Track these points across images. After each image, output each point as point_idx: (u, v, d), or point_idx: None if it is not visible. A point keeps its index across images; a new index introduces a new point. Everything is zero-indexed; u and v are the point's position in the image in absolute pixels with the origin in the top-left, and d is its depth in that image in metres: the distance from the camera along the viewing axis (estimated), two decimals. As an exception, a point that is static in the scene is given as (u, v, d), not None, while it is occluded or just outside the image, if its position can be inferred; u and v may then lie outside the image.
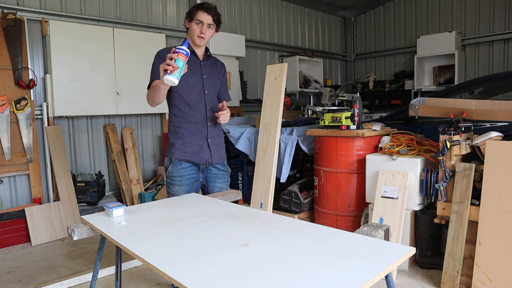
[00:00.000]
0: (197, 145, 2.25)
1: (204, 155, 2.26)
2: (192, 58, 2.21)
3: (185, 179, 2.25)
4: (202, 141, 2.25)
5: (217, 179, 2.34)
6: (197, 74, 2.23)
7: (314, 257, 1.20)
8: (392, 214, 2.82)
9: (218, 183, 2.35)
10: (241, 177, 4.42)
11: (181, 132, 2.24)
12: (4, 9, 3.76)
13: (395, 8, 7.28)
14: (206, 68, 2.27)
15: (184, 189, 2.25)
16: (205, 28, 2.15)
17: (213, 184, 2.34)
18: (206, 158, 2.27)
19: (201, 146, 2.25)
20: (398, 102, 6.66)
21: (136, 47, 4.51)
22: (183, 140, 2.24)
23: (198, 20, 2.14)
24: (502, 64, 6.08)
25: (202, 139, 2.25)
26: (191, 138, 2.24)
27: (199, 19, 2.14)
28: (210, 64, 2.31)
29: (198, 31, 2.15)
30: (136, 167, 4.65)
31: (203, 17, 2.14)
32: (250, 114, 5.56)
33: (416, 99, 3.02)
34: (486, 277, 2.33)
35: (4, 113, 3.73)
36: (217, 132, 2.34)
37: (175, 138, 2.26)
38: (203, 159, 2.26)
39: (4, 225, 3.60)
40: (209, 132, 2.27)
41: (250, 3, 6.19)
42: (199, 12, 2.14)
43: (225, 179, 2.39)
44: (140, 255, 1.27)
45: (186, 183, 2.25)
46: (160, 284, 2.76)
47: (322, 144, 3.41)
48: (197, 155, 2.25)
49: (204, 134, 2.25)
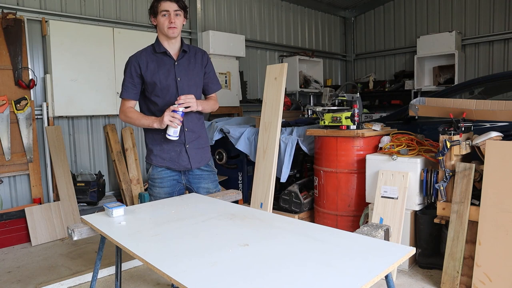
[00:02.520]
0: (175, 151, 2.18)
1: (183, 161, 2.19)
2: (164, 60, 2.13)
3: (166, 181, 2.21)
4: (179, 147, 2.18)
5: (201, 179, 2.26)
6: (171, 77, 2.12)
7: (314, 257, 1.20)
8: (392, 214, 2.82)
9: (202, 184, 2.26)
10: (241, 177, 4.42)
11: (158, 138, 2.17)
12: (4, 9, 3.76)
13: (395, 8, 7.28)
14: (181, 67, 2.15)
15: (166, 191, 2.21)
16: (173, 17, 2.05)
17: (197, 185, 2.26)
18: (184, 164, 2.20)
19: (179, 152, 2.18)
20: (398, 102, 6.65)
21: (136, 47, 4.42)
22: (161, 146, 2.17)
23: (163, 11, 2.05)
24: (502, 64, 6.08)
25: (179, 145, 2.17)
26: (168, 145, 2.16)
27: (163, 9, 2.05)
28: (187, 61, 2.18)
29: (167, 22, 2.06)
30: (136, 167, 4.65)
31: (167, 6, 2.05)
32: (250, 114, 5.55)
33: (416, 99, 3.02)
34: (486, 277, 2.33)
35: (4, 113, 3.73)
36: (196, 135, 2.23)
37: (153, 145, 2.21)
38: (182, 165, 2.20)
39: (4, 225, 3.60)
40: (187, 137, 2.18)
41: (250, 3, 6.19)
42: (161, 3, 2.06)
43: (210, 179, 2.30)
44: (140, 255, 1.27)
45: (167, 185, 2.22)
46: (160, 284, 2.76)
47: (322, 144, 3.41)
48: (175, 162, 2.19)
49: (181, 140, 2.16)
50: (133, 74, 2.13)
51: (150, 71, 2.11)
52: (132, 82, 2.13)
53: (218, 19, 5.72)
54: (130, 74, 2.13)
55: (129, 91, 2.14)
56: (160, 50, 2.13)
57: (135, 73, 2.12)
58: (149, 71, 2.11)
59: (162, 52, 2.14)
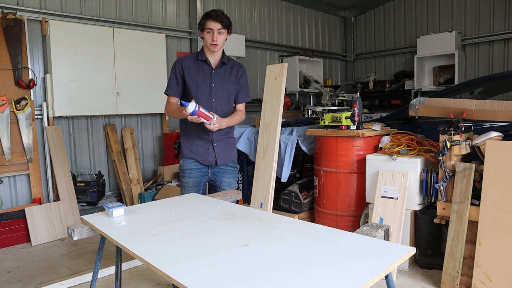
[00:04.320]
0: (204, 147, 2.42)
1: (209, 157, 2.43)
2: (203, 67, 2.39)
3: (194, 172, 2.43)
4: (208, 144, 2.42)
5: (225, 174, 2.49)
6: (206, 83, 2.38)
7: (314, 257, 1.20)
8: (392, 214, 2.82)
9: (226, 178, 2.49)
10: (241, 177, 4.42)
11: (190, 133, 2.44)
12: (4, 9, 3.76)
13: (395, 8, 7.28)
14: (217, 76, 2.40)
15: (193, 181, 2.43)
16: (216, 36, 2.31)
17: (221, 178, 2.48)
18: (210, 160, 2.43)
19: (207, 149, 2.43)
20: (398, 102, 6.65)
21: (136, 47, 4.51)
22: (192, 141, 2.44)
23: (208, 29, 2.31)
24: (502, 64, 6.08)
25: (208, 143, 2.42)
26: (198, 140, 2.42)
27: (208, 27, 2.31)
28: (223, 71, 2.43)
29: (210, 40, 2.32)
30: (136, 167, 4.65)
31: (212, 25, 2.30)
32: (250, 114, 5.55)
33: (416, 99, 3.02)
34: (486, 277, 2.33)
35: (4, 113, 3.73)
36: (224, 135, 2.48)
37: (184, 138, 2.47)
38: (208, 161, 2.43)
39: (4, 225, 3.60)
40: (215, 137, 2.42)
41: (250, 3, 6.19)
42: (207, 22, 2.31)
43: (233, 175, 2.54)
44: (140, 255, 1.27)
45: (195, 175, 2.43)
46: (160, 284, 2.76)
47: (322, 144, 3.41)
48: (202, 156, 2.43)
49: (210, 139, 2.41)
50: (177, 74, 2.40)
51: (190, 74, 2.38)
52: (175, 81, 2.41)
53: (218, 19, 5.72)
54: (174, 73, 2.40)
55: (172, 88, 2.41)
56: (201, 58, 2.40)
57: (179, 74, 2.40)
58: (189, 74, 2.38)
59: (203, 60, 2.40)
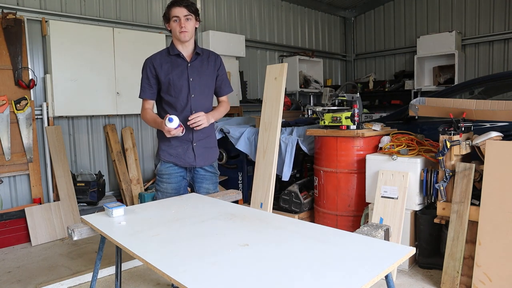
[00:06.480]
0: (182, 148, 2.27)
1: (189, 158, 2.28)
2: (177, 62, 2.24)
3: (173, 177, 2.31)
4: (187, 145, 2.27)
5: (203, 180, 2.35)
6: (183, 78, 2.23)
7: (314, 257, 1.20)
8: (392, 214, 2.82)
9: (204, 184, 2.35)
10: (241, 177, 4.42)
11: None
12: (4, 9, 3.76)
13: (395, 8, 7.28)
14: (193, 69, 2.25)
15: (172, 187, 2.31)
16: (183, 22, 2.15)
17: (199, 184, 2.35)
18: (190, 161, 2.29)
19: (186, 149, 2.27)
20: (398, 102, 6.65)
21: (136, 47, 4.50)
22: (169, 142, 2.27)
23: (174, 17, 2.16)
24: (502, 64, 6.07)
25: (187, 143, 2.27)
26: (176, 141, 2.26)
27: (174, 15, 2.16)
28: (200, 63, 2.27)
29: (178, 27, 2.16)
30: (136, 167, 4.65)
31: (177, 12, 2.15)
32: (250, 114, 5.56)
33: (416, 99, 3.02)
34: (486, 277, 2.33)
35: (4, 113, 3.73)
36: (205, 135, 2.32)
37: (161, 140, 2.31)
38: (187, 162, 2.29)
39: (4, 225, 3.60)
40: (195, 136, 2.27)
41: (250, 3, 6.19)
42: (172, 9, 2.16)
43: (212, 180, 2.39)
44: (140, 255, 1.27)
45: (174, 181, 2.31)
46: (160, 284, 2.76)
47: (322, 144, 3.41)
48: (181, 158, 2.28)
49: (189, 138, 2.26)
50: (149, 75, 2.25)
51: (164, 72, 2.23)
52: (148, 82, 2.26)
53: (218, 19, 5.72)
54: (146, 75, 2.26)
55: (146, 91, 2.27)
56: (174, 53, 2.24)
57: (151, 74, 2.24)
58: (163, 72, 2.23)
59: (176, 54, 2.24)
